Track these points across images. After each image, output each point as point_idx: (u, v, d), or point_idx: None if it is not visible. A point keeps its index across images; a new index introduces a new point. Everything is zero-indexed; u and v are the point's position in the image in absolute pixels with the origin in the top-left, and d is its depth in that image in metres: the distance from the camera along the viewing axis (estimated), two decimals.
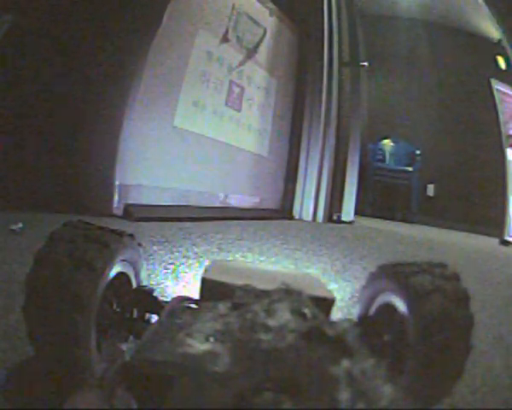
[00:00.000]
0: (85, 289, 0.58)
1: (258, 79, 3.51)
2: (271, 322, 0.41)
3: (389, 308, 0.67)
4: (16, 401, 0.61)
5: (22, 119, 2.38)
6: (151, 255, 1.55)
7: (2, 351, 0.73)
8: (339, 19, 4.02)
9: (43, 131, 2.40)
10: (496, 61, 4.95)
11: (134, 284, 0.72)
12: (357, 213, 4.11)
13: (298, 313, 0.43)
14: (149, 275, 1.30)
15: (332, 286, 1.49)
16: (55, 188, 2.29)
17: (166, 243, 1.81)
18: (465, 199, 5.18)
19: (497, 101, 4.96)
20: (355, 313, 0.75)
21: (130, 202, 2.47)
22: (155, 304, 0.71)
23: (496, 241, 4.17)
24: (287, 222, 3.49)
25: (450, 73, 5.34)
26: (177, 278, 1.34)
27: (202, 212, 2.89)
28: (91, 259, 0.59)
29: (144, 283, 0.75)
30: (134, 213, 2.37)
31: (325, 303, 0.62)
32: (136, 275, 0.72)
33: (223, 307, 0.46)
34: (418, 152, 5.36)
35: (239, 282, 0.60)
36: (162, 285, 1.24)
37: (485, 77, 5.05)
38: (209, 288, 0.64)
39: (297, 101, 3.94)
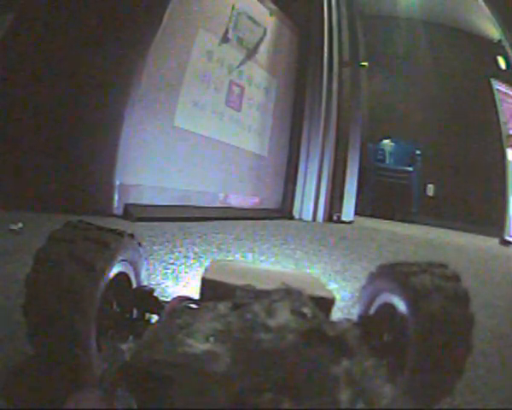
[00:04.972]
0: (85, 289, 0.58)
1: (258, 79, 3.51)
2: (271, 322, 0.41)
3: (389, 308, 0.67)
4: (16, 401, 0.61)
5: (22, 118, 2.38)
6: (151, 255, 1.55)
7: (2, 351, 0.73)
8: (339, 19, 4.02)
9: (43, 130, 2.40)
10: (496, 61, 4.95)
11: (134, 284, 0.72)
12: (357, 213, 4.11)
13: (298, 313, 0.43)
14: (149, 275, 1.30)
15: (332, 286, 1.49)
16: (55, 188, 2.29)
17: (166, 243, 1.81)
18: (465, 199, 5.18)
19: (497, 101, 4.97)
20: (355, 313, 0.75)
21: (131, 202, 2.47)
22: (155, 304, 0.71)
23: (496, 241, 4.17)
24: (287, 222, 3.49)
25: (450, 73, 5.34)
26: (177, 278, 1.34)
27: (202, 212, 2.89)
28: (91, 259, 0.59)
29: (144, 283, 0.75)
30: (134, 213, 2.37)
31: (325, 303, 0.62)
32: (137, 275, 0.72)
33: (223, 307, 0.46)
34: (418, 152, 5.36)
35: (239, 282, 0.60)
36: (162, 285, 1.24)
37: (485, 77, 5.05)
38: (209, 288, 0.64)
39: (297, 101, 3.94)
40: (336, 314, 0.77)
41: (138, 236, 0.72)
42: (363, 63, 4.08)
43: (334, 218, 3.88)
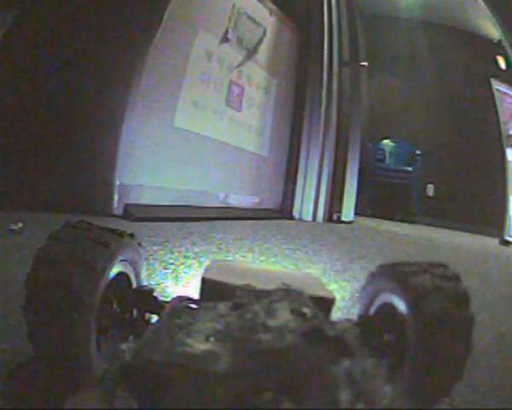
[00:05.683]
0: (85, 289, 0.58)
1: (258, 79, 3.51)
2: (271, 322, 0.41)
3: (389, 308, 0.67)
4: (16, 401, 0.61)
5: (22, 118, 2.38)
6: (151, 255, 1.55)
7: (2, 351, 0.73)
8: (339, 19, 4.02)
9: (44, 131, 2.40)
10: (496, 61, 4.95)
11: (134, 284, 0.72)
12: (357, 213, 4.11)
13: (298, 313, 0.43)
14: (149, 275, 1.30)
15: (332, 286, 1.49)
16: (55, 188, 2.29)
17: (166, 243, 1.81)
18: (465, 199, 5.17)
19: (497, 101, 4.96)
20: (355, 313, 0.75)
21: (131, 202, 2.47)
22: (155, 304, 0.71)
23: (496, 241, 4.16)
24: (287, 222, 3.49)
25: (450, 73, 5.34)
26: (177, 278, 1.34)
27: (202, 212, 2.89)
28: (91, 259, 0.59)
29: (144, 283, 0.75)
30: (134, 213, 2.37)
31: (325, 303, 0.62)
32: (136, 275, 0.72)
33: (223, 307, 0.46)
34: (418, 152, 5.36)
35: (239, 282, 0.60)
36: (162, 285, 1.24)
37: (485, 77, 5.05)
38: (209, 288, 0.64)
39: (297, 101, 3.94)
40: (336, 314, 0.77)
41: (138, 236, 0.72)
42: (363, 63, 4.08)
43: (334, 218, 3.88)
